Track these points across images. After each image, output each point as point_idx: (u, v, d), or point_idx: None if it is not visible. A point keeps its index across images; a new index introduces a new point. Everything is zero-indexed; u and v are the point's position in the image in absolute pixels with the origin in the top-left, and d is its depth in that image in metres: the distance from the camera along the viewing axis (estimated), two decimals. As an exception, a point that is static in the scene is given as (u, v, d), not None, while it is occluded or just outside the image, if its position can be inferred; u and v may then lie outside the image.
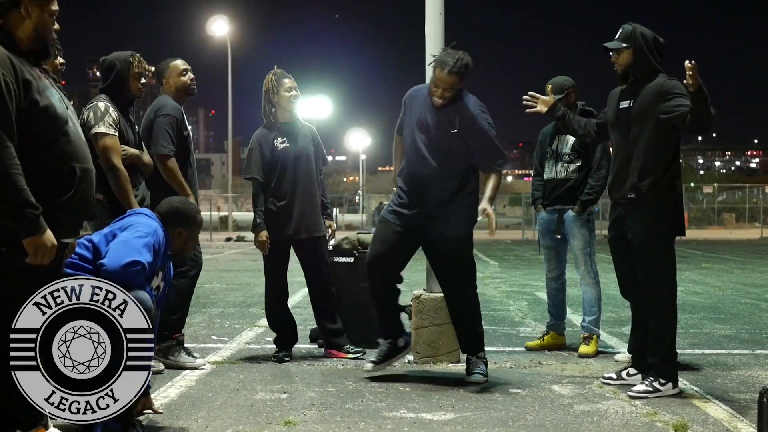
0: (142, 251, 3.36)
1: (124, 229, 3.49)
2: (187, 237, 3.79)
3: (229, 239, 27.55)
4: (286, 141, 5.40)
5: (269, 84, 5.41)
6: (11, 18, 3.01)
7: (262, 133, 5.45)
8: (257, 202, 5.36)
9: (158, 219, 3.69)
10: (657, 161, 4.35)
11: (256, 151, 5.39)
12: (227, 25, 39.69)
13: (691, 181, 55.38)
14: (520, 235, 30.79)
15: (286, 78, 5.43)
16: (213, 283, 11.23)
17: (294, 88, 5.43)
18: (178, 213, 3.76)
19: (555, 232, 5.82)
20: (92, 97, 4.97)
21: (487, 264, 15.41)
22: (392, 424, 3.80)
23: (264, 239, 5.30)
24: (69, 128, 3.07)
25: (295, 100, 5.44)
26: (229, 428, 3.71)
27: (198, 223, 3.85)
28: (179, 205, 3.82)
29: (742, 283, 11.48)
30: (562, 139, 5.78)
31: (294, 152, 5.39)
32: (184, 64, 5.26)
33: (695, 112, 4.17)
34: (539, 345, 5.87)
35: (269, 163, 5.37)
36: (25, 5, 3.01)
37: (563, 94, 5.67)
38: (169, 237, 3.68)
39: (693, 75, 4.00)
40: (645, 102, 4.40)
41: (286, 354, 5.38)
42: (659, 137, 4.36)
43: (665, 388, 4.35)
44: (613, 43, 4.50)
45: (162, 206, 3.82)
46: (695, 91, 4.07)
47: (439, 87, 4.64)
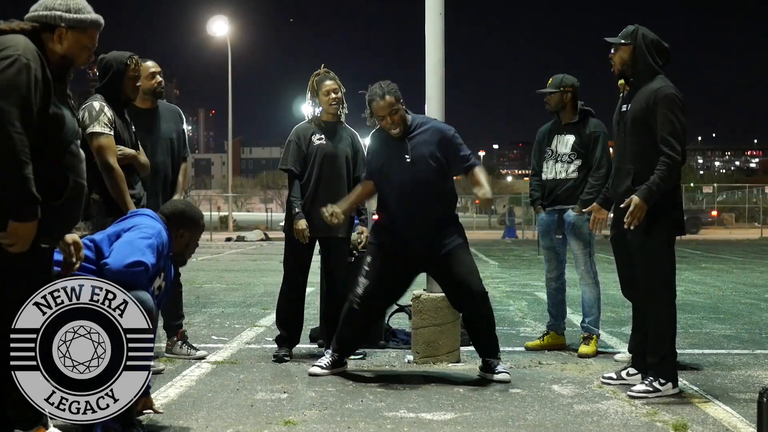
0: (146, 252, 3.36)
1: (128, 229, 3.50)
2: (189, 240, 3.80)
3: (229, 239, 27.57)
4: (324, 139, 5.41)
5: (311, 85, 5.45)
6: (44, 35, 3.00)
7: (303, 127, 5.47)
8: (293, 193, 5.37)
9: (162, 220, 3.69)
10: (651, 166, 4.34)
11: (294, 143, 5.42)
12: (227, 25, 39.72)
13: (691, 181, 55.37)
14: (520, 235, 30.81)
15: (327, 80, 5.43)
16: (213, 283, 11.23)
17: (333, 90, 5.41)
18: (183, 215, 3.77)
19: (555, 232, 5.82)
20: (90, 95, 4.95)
21: (487, 264, 15.42)
22: (392, 424, 3.80)
23: (303, 227, 5.26)
24: (75, 146, 3.08)
25: (335, 103, 5.42)
26: (229, 428, 3.71)
27: (201, 226, 3.86)
28: (184, 207, 3.83)
29: (742, 283, 11.48)
30: (562, 138, 5.78)
31: (329, 150, 5.39)
32: (155, 66, 5.20)
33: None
34: (539, 345, 5.87)
35: (305, 157, 5.39)
36: (60, 32, 3.00)
37: (559, 89, 5.69)
38: (171, 238, 3.69)
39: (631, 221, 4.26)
40: (638, 107, 4.39)
41: (287, 354, 5.38)
42: (653, 142, 4.34)
43: (665, 388, 4.35)
44: (613, 38, 4.51)
45: (166, 207, 3.83)
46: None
47: (384, 116, 4.77)
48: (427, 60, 5.50)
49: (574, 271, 5.87)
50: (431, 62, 5.47)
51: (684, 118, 4.33)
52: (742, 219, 41.99)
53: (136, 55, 4.85)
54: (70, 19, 3.01)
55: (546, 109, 5.84)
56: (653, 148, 4.33)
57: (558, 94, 5.72)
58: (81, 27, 3.04)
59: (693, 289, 10.28)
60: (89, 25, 3.06)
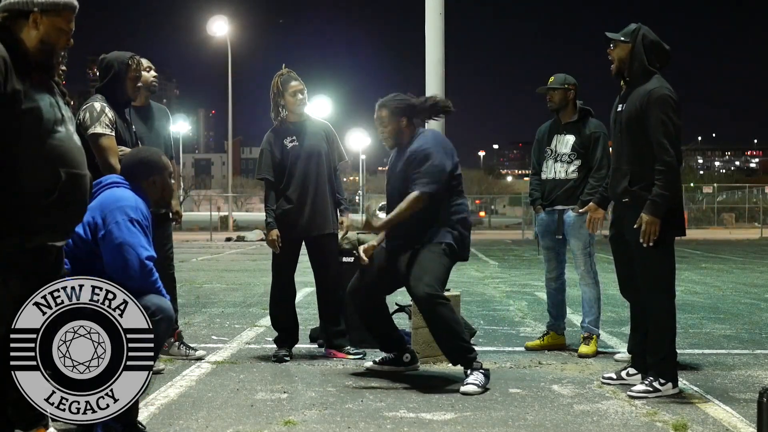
0: (140, 249, 3.36)
1: (110, 221, 3.40)
2: (162, 182, 3.71)
3: (229, 239, 27.56)
4: (296, 140, 5.41)
5: (276, 87, 5.41)
6: (19, 24, 2.99)
7: (273, 134, 5.47)
8: (268, 202, 5.41)
9: (128, 180, 3.61)
10: (647, 166, 4.34)
11: (267, 151, 5.43)
12: (227, 25, 39.73)
13: (691, 181, 55.38)
14: (520, 235, 30.81)
15: (292, 80, 5.42)
16: (213, 283, 11.23)
17: (300, 90, 5.42)
18: (147, 163, 3.68)
19: (555, 232, 5.82)
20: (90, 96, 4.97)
21: (487, 264, 15.42)
22: (392, 424, 3.80)
23: (275, 237, 5.33)
24: (59, 133, 3.01)
25: (301, 103, 5.43)
26: (229, 428, 3.71)
27: (164, 163, 3.75)
28: (142, 155, 3.75)
29: (742, 283, 11.48)
30: (561, 138, 5.78)
31: (304, 151, 5.40)
32: (147, 62, 5.23)
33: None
34: (539, 345, 5.86)
35: (280, 163, 5.40)
36: (34, 17, 2.98)
37: (563, 86, 5.70)
38: (145, 192, 3.61)
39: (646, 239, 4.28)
40: (632, 107, 4.39)
41: (287, 354, 5.39)
42: (648, 143, 4.34)
43: (665, 388, 4.35)
44: (613, 34, 4.51)
45: (126, 163, 3.74)
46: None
47: (377, 126, 4.87)
48: (427, 60, 5.50)
49: (573, 271, 5.87)
50: (431, 62, 5.48)
51: (678, 118, 4.32)
52: (742, 219, 41.97)
53: (137, 56, 4.86)
54: (43, 3, 3.00)
55: (548, 107, 5.84)
56: (648, 149, 4.33)
57: (562, 91, 5.73)
58: (55, 10, 3.02)
59: (693, 289, 10.28)
60: (63, 7, 3.04)
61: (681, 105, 4.36)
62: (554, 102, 5.78)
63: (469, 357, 4.58)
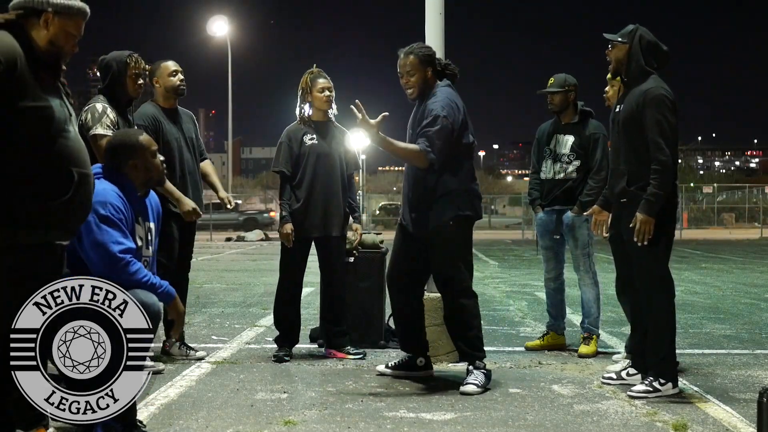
0: (111, 245, 3.29)
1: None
2: (144, 163, 3.58)
3: (229, 239, 27.56)
4: (316, 138, 5.41)
5: (305, 83, 5.43)
6: (30, 22, 2.99)
7: (294, 128, 5.47)
8: (283, 196, 5.41)
9: (105, 168, 3.54)
10: (644, 166, 4.34)
11: (285, 144, 5.42)
12: (227, 25, 39.72)
13: (690, 181, 55.33)
14: (520, 235, 30.81)
15: (321, 78, 5.43)
16: (213, 283, 11.23)
17: (327, 88, 5.43)
18: (120, 147, 3.56)
19: (554, 232, 5.82)
20: (92, 97, 4.97)
21: (487, 264, 15.42)
22: (392, 424, 3.80)
23: (288, 231, 5.31)
24: (69, 132, 3.04)
25: (327, 100, 5.43)
26: (229, 428, 3.71)
27: (142, 143, 3.60)
28: (115, 141, 3.63)
29: (742, 283, 11.48)
30: (561, 138, 5.78)
31: (322, 150, 5.40)
32: (175, 65, 5.27)
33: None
34: (539, 345, 5.87)
35: (296, 158, 5.39)
36: (46, 17, 2.99)
37: (563, 89, 5.71)
38: (128, 177, 3.53)
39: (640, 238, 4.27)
40: (628, 107, 4.40)
41: (287, 354, 5.38)
42: (645, 143, 4.33)
43: (665, 388, 4.35)
44: (611, 35, 4.52)
45: (104, 152, 3.65)
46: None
47: (402, 74, 4.66)
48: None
49: (573, 272, 5.87)
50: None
51: (673, 118, 4.32)
52: (742, 219, 41.95)
53: (136, 53, 4.86)
54: (58, 4, 3.00)
55: (549, 109, 5.85)
56: (645, 149, 4.33)
57: (562, 94, 5.73)
58: (68, 13, 3.02)
59: (693, 289, 10.27)
60: (76, 12, 3.05)
61: (677, 105, 4.37)
62: (555, 104, 5.78)
63: (476, 354, 4.60)
